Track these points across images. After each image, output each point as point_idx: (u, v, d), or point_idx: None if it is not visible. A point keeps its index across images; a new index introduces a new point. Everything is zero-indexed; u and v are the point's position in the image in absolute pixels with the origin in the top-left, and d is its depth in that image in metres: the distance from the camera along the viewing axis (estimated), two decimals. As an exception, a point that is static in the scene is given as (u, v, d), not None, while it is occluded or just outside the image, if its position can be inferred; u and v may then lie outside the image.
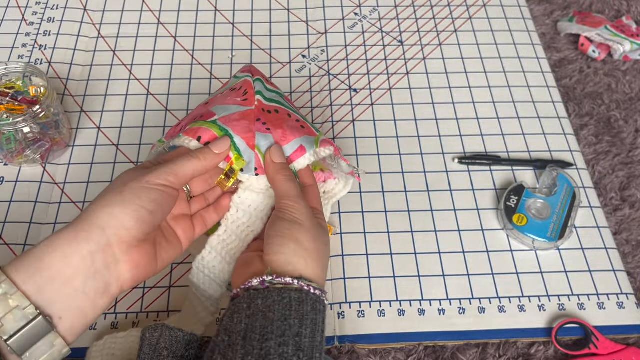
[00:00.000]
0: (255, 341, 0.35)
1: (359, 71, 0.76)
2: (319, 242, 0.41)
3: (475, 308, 0.57)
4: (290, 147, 0.47)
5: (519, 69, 0.77)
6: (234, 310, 0.37)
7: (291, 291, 0.37)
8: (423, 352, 0.55)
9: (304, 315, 0.37)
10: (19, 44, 0.76)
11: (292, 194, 0.43)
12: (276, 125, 0.48)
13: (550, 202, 0.62)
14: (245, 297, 0.37)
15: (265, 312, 0.36)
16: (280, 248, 0.39)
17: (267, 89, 0.52)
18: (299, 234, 0.40)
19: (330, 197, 0.58)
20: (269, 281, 0.38)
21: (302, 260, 0.39)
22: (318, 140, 0.49)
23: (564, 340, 0.57)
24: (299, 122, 0.50)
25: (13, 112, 0.59)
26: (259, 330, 0.35)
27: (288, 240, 0.39)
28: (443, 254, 0.61)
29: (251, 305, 0.37)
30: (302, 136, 0.48)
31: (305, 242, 0.40)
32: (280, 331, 0.35)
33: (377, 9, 0.83)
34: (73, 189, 0.63)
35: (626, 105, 0.76)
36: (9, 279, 0.34)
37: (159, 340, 0.39)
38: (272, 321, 0.36)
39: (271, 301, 0.37)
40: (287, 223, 0.40)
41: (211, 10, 0.82)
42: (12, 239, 0.59)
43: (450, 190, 0.65)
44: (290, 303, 0.37)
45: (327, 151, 0.49)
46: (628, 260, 0.63)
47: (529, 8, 0.85)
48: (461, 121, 0.71)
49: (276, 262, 0.39)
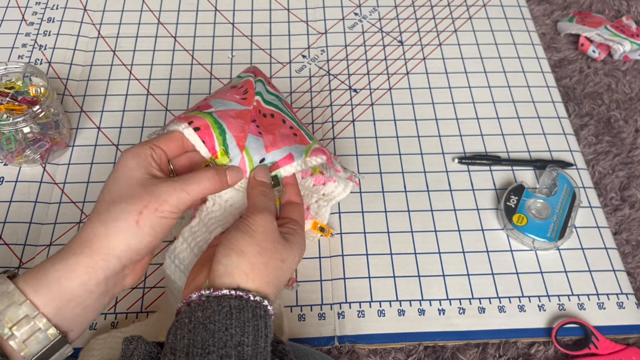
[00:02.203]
0: (198, 356, 0.35)
1: (359, 71, 0.76)
2: (269, 256, 0.40)
3: (475, 308, 0.57)
4: (279, 153, 0.47)
5: (519, 69, 0.77)
6: (177, 326, 0.37)
7: (230, 299, 0.37)
8: (423, 352, 0.55)
9: (245, 323, 0.36)
10: (19, 44, 0.76)
11: (260, 206, 0.43)
12: (269, 130, 0.48)
13: (550, 202, 0.62)
14: (187, 311, 0.37)
15: (205, 323, 0.36)
16: (223, 258, 0.39)
17: (268, 91, 0.52)
18: (246, 246, 0.40)
19: (330, 199, 0.58)
20: (206, 295, 0.38)
21: (243, 273, 0.39)
22: (309, 149, 0.49)
23: (564, 340, 0.57)
24: (293, 129, 0.50)
25: (13, 112, 0.59)
26: (201, 344, 0.35)
27: (232, 251, 0.39)
28: (443, 254, 0.61)
29: (192, 319, 0.37)
30: (293, 145, 0.48)
31: (250, 255, 0.39)
32: (222, 342, 0.35)
33: (377, 9, 0.83)
34: (73, 189, 0.63)
35: (626, 105, 0.76)
36: (29, 301, 0.36)
37: (132, 353, 0.39)
38: (213, 333, 0.36)
39: (211, 311, 0.36)
40: (239, 233, 0.40)
41: (211, 10, 0.82)
42: (12, 239, 0.59)
43: (450, 190, 0.65)
44: (230, 312, 0.36)
45: (318, 160, 0.49)
46: (628, 260, 0.63)
47: (529, 8, 0.85)
48: (461, 121, 0.71)
49: (217, 272, 0.39)
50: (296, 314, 0.56)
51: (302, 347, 0.50)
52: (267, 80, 0.53)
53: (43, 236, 0.60)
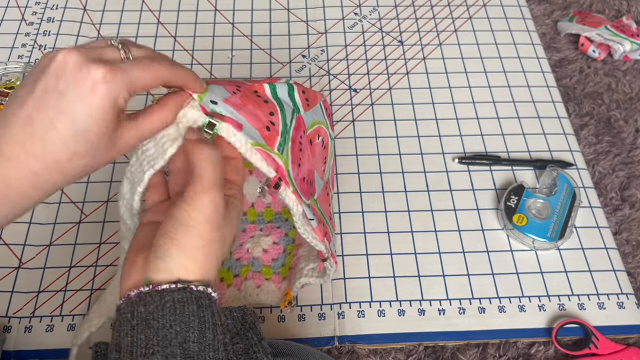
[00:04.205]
0: (142, 356, 0.33)
1: (359, 71, 0.76)
2: (211, 245, 0.37)
3: (475, 308, 0.57)
4: (231, 113, 0.40)
5: (519, 69, 0.77)
6: (120, 321, 0.35)
7: (173, 292, 0.35)
8: (423, 352, 0.55)
9: (189, 317, 0.35)
10: (19, 44, 0.76)
11: (208, 181, 0.35)
12: (245, 100, 0.42)
13: (550, 202, 0.62)
14: (129, 304, 0.35)
15: (148, 320, 0.34)
16: (163, 254, 0.36)
17: (291, 97, 0.47)
18: (186, 239, 0.36)
19: (298, 277, 0.54)
20: (146, 292, 0.36)
21: (183, 268, 0.36)
22: (267, 149, 0.41)
23: (564, 340, 0.57)
24: (273, 124, 0.43)
25: (13, 112, 0.59)
26: (144, 344, 0.34)
27: (171, 246, 0.36)
28: (443, 254, 0.61)
29: (134, 314, 0.35)
30: (253, 126, 0.41)
31: (191, 249, 0.36)
32: (166, 341, 0.34)
33: (377, 8, 0.83)
34: (72, 189, 0.63)
35: (626, 105, 0.76)
36: None
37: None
38: (157, 330, 0.34)
39: (153, 307, 0.35)
40: (177, 225, 0.36)
41: (211, 10, 0.82)
42: (12, 239, 0.59)
43: (450, 190, 0.65)
44: (173, 306, 0.35)
45: (261, 164, 0.41)
46: (628, 260, 0.63)
47: (529, 8, 0.85)
48: (461, 121, 0.71)
49: (155, 268, 0.36)
50: (296, 314, 0.56)
51: (302, 347, 0.50)
52: (306, 99, 0.49)
53: (43, 236, 0.60)
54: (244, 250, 0.58)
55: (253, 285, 0.57)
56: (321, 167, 0.51)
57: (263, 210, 0.60)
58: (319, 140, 0.50)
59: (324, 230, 0.48)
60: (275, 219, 0.60)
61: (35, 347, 0.53)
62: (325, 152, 0.52)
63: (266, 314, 0.56)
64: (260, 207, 0.60)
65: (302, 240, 0.57)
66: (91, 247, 0.59)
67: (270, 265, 0.57)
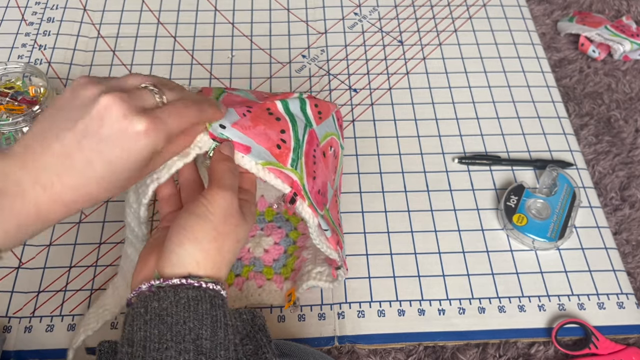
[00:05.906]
0: (155, 351, 0.34)
1: (359, 71, 0.76)
2: (224, 239, 0.38)
3: (475, 308, 0.57)
4: (239, 137, 0.42)
5: (519, 68, 0.77)
6: (133, 316, 0.36)
7: (188, 289, 0.36)
8: (423, 352, 0.55)
9: (202, 315, 0.35)
10: (19, 44, 0.76)
11: (224, 183, 0.39)
12: (256, 120, 0.44)
13: (550, 202, 0.62)
14: (142, 299, 0.36)
15: (162, 315, 0.35)
16: (177, 247, 0.37)
17: (304, 111, 0.48)
18: (201, 231, 0.37)
19: (305, 280, 0.54)
20: (157, 286, 0.36)
21: (195, 262, 0.37)
22: (278, 166, 0.43)
23: (564, 340, 0.57)
24: (284, 141, 0.44)
25: (13, 112, 0.59)
26: (158, 338, 0.34)
27: (185, 239, 0.37)
28: (443, 254, 0.61)
29: (148, 309, 0.35)
30: (262, 146, 0.43)
31: (205, 241, 0.37)
32: (180, 337, 0.34)
33: (377, 8, 0.83)
34: (73, 189, 0.63)
35: (626, 105, 0.76)
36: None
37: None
38: (170, 326, 0.35)
39: (167, 303, 0.35)
40: (193, 217, 0.38)
41: (211, 10, 0.82)
42: (12, 239, 0.59)
43: (450, 190, 0.65)
44: (187, 303, 0.35)
45: (276, 182, 0.42)
46: (628, 260, 0.63)
47: (529, 8, 0.85)
48: (461, 121, 0.71)
49: (169, 262, 0.37)
50: (296, 314, 0.56)
51: (302, 347, 0.50)
52: (320, 112, 0.49)
53: (43, 236, 0.60)
54: (245, 250, 0.58)
55: (255, 285, 0.57)
56: (332, 177, 0.51)
57: (264, 210, 0.60)
58: (331, 152, 0.50)
59: (337, 238, 0.49)
60: (276, 218, 0.60)
61: (35, 347, 0.53)
62: (336, 161, 0.52)
63: (266, 314, 0.56)
64: (262, 207, 0.60)
65: (305, 243, 0.58)
66: (91, 247, 0.59)
67: (272, 266, 0.57)
